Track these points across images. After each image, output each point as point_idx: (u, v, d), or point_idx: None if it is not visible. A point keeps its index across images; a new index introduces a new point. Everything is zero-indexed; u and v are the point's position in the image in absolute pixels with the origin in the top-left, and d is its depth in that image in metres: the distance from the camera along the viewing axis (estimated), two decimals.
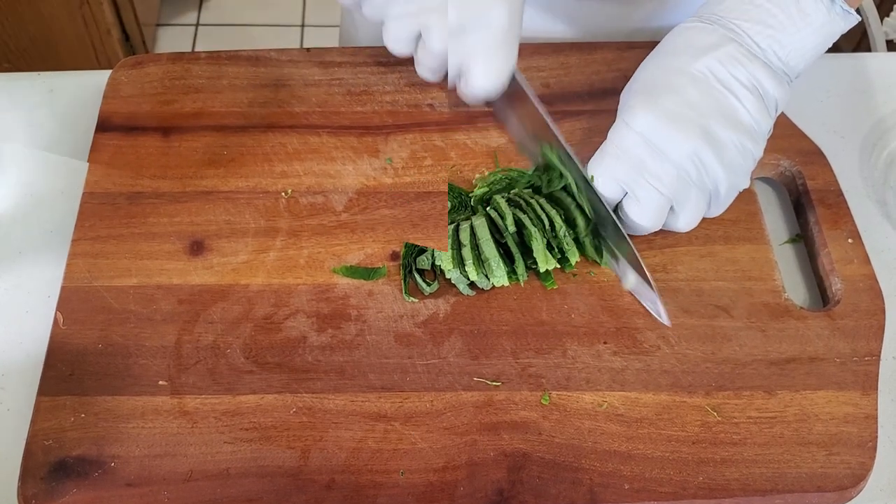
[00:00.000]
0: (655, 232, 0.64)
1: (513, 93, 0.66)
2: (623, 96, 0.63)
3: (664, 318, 0.60)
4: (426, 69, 0.66)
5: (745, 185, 0.61)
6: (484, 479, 0.54)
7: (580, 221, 0.62)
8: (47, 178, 0.69)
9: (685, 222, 0.61)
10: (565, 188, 0.64)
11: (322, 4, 2.09)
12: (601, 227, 0.63)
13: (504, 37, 0.62)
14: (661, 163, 0.58)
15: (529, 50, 0.74)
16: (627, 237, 0.60)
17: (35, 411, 0.55)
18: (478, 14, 0.61)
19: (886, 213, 0.69)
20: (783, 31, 0.58)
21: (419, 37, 0.64)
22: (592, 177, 0.61)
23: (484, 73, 0.63)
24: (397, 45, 0.65)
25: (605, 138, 0.62)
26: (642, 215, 0.60)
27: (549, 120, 0.64)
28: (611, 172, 0.60)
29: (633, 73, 0.64)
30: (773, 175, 0.70)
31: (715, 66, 0.58)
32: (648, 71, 0.61)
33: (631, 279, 0.61)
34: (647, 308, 0.61)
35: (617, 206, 0.62)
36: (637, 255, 0.60)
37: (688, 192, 0.59)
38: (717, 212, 0.62)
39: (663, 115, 0.58)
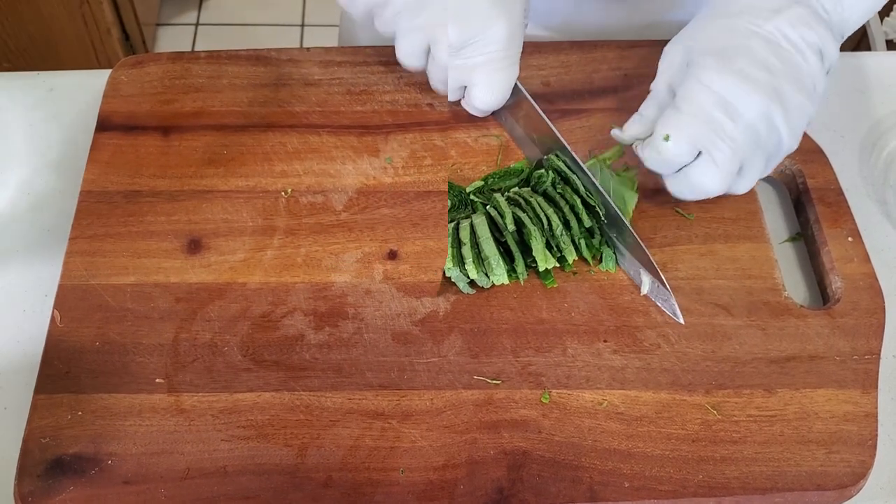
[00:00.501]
0: (655, 230, 0.64)
1: (516, 104, 0.67)
2: (675, 53, 0.61)
3: (679, 318, 0.60)
4: (438, 82, 0.67)
5: (796, 146, 0.60)
6: (484, 477, 0.54)
7: (574, 224, 0.62)
8: (45, 176, 0.69)
9: (746, 184, 0.61)
10: (568, 184, 0.64)
11: (322, 4, 2.09)
12: (611, 229, 0.62)
13: (505, 53, 0.63)
14: (736, 123, 0.57)
15: (529, 48, 0.74)
16: (639, 239, 0.60)
17: (32, 409, 0.55)
18: (478, 31, 0.62)
19: (886, 212, 0.69)
20: None
21: (429, 50, 0.65)
22: (668, 136, 0.59)
23: (486, 89, 0.65)
24: (409, 59, 0.66)
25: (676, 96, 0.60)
26: (716, 177, 0.58)
27: (554, 129, 0.64)
28: (687, 132, 0.58)
29: (635, 69, 0.64)
30: (773, 173, 0.70)
31: (786, 28, 0.58)
32: (714, 30, 0.60)
33: (646, 282, 0.61)
34: (662, 307, 0.60)
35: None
36: (649, 255, 0.60)
37: (755, 153, 0.59)
38: (767, 172, 0.61)
39: (738, 76, 0.57)
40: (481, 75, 0.64)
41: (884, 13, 1.03)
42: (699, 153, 0.59)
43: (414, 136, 0.69)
